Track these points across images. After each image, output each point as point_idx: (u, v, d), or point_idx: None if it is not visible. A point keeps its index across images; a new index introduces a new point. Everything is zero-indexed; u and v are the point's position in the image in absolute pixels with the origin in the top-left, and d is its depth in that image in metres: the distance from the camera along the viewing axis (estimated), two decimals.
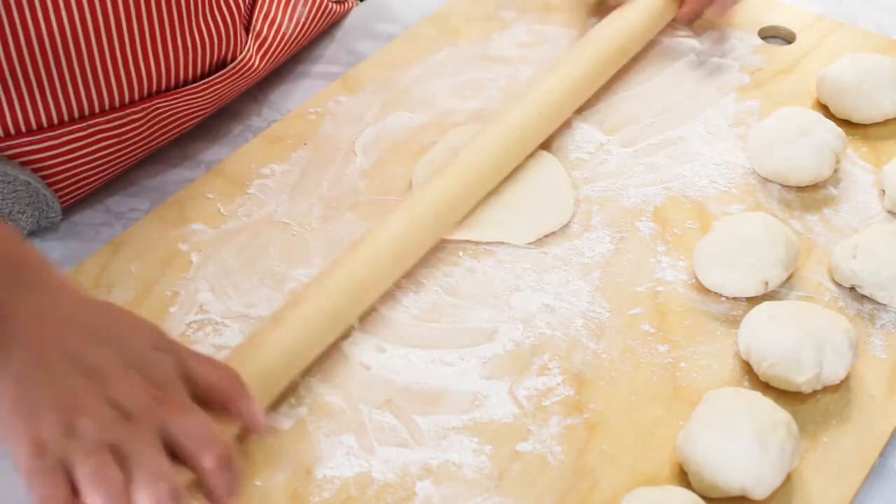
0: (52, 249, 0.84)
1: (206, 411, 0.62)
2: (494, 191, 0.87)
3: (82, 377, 0.60)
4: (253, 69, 0.94)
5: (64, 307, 0.63)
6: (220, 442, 0.60)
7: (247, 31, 0.95)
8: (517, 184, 0.88)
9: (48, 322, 0.62)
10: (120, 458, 0.57)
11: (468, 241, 0.83)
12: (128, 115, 0.86)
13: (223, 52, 0.91)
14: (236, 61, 0.92)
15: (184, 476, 0.59)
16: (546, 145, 0.91)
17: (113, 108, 0.85)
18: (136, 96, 0.86)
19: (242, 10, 0.93)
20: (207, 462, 0.59)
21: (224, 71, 0.91)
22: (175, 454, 0.59)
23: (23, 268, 0.64)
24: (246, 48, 0.93)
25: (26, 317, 0.61)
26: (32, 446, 0.58)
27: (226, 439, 0.61)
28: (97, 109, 0.84)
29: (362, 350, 0.76)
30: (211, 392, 0.63)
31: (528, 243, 0.84)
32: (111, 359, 0.61)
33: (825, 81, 0.95)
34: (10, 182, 0.81)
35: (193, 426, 0.60)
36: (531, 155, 0.90)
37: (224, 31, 0.90)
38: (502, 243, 0.83)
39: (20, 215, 0.83)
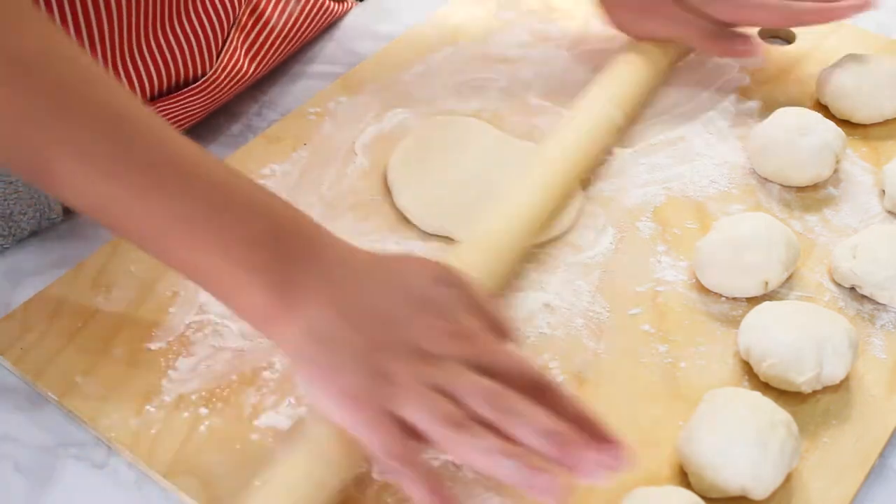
0: (51, 249, 0.84)
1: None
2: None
3: (380, 325, 0.61)
4: (242, 68, 0.94)
5: (346, 266, 0.64)
6: (534, 369, 0.62)
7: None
8: None
9: (336, 282, 0.63)
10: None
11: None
12: None
13: (220, 48, 0.91)
14: (226, 58, 0.92)
15: None
16: None
17: None
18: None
19: (237, 5, 0.93)
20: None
21: (215, 69, 0.91)
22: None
23: (300, 236, 0.65)
24: (230, 44, 0.93)
25: (315, 282, 0.62)
26: (345, 399, 0.59)
27: (537, 367, 0.62)
28: None
29: None
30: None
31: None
32: (401, 304, 0.62)
33: (825, 81, 0.95)
34: (11, 182, 0.81)
35: (503, 358, 0.61)
36: None
37: (219, 27, 0.90)
38: None
39: (21, 216, 0.83)
